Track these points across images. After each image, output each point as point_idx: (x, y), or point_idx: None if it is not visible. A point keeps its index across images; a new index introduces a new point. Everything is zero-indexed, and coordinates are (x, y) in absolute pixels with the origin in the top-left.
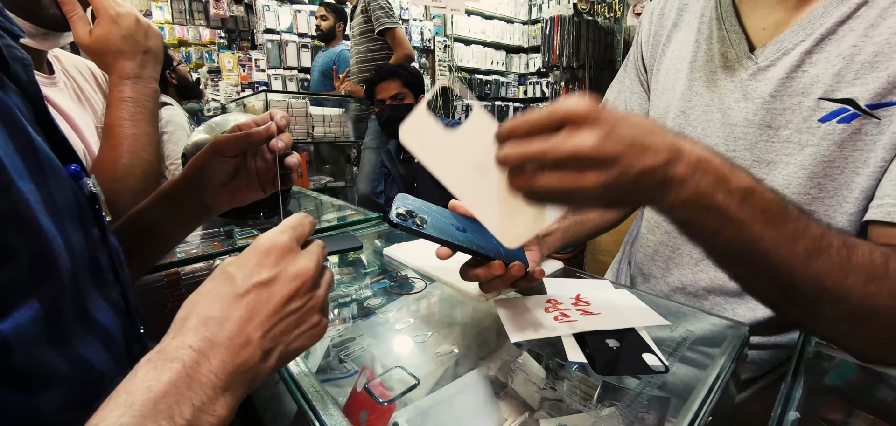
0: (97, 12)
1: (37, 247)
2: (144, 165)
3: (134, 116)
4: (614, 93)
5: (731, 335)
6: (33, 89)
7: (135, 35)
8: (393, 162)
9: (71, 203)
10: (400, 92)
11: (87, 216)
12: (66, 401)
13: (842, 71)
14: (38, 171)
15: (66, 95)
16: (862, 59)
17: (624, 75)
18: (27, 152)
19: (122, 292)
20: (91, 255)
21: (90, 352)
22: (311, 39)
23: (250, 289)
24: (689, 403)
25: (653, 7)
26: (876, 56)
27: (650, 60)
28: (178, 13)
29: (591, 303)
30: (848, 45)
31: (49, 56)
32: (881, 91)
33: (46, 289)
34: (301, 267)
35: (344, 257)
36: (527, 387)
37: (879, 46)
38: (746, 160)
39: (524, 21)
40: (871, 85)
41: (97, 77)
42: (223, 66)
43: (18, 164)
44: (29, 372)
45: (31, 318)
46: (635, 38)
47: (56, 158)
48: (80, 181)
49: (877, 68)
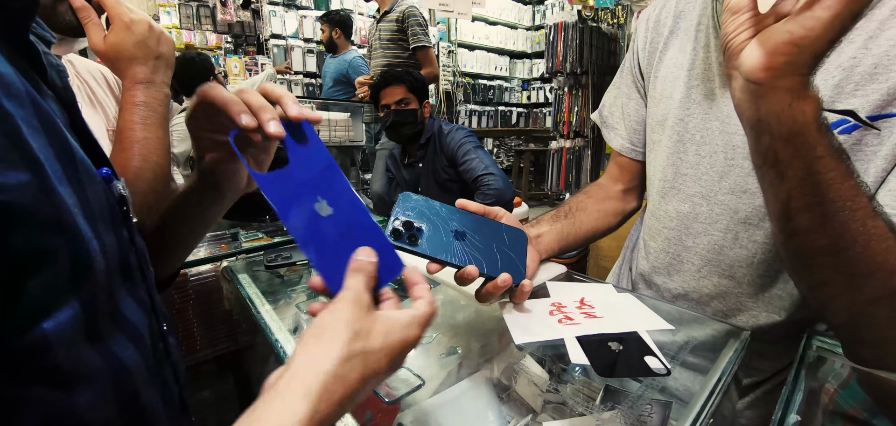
0: (111, 19)
1: (75, 250)
2: (155, 169)
3: (145, 120)
4: (611, 98)
5: (733, 340)
6: (68, 95)
7: (147, 41)
8: (397, 166)
9: (104, 206)
10: (405, 97)
11: (117, 218)
12: (100, 398)
13: (841, 82)
14: (75, 176)
15: (80, 100)
16: (861, 71)
17: (620, 81)
18: (65, 158)
19: (148, 290)
20: (121, 256)
21: (122, 349)
22: (317, 44)
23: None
24: (691, 406)
25: (648, 14)
26: (875, 68)
27: (647, 67)
28: (186, 18)
29: (594, 307)
30: (847, 56)
31: (63, 60)
32: (881, 103)
33: (84, 289)
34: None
35: None
36: (530, 389)
37: (878, 58)
38: (745, 168)
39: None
40: (870, 96)
41: (109, 82)
42: (230, 71)
43: (58, 170)
44: (67, 369)
45: (71, 318)
46: (631, 44)
47: (90, 163)
48: (111, 184)
49: (876, 80)
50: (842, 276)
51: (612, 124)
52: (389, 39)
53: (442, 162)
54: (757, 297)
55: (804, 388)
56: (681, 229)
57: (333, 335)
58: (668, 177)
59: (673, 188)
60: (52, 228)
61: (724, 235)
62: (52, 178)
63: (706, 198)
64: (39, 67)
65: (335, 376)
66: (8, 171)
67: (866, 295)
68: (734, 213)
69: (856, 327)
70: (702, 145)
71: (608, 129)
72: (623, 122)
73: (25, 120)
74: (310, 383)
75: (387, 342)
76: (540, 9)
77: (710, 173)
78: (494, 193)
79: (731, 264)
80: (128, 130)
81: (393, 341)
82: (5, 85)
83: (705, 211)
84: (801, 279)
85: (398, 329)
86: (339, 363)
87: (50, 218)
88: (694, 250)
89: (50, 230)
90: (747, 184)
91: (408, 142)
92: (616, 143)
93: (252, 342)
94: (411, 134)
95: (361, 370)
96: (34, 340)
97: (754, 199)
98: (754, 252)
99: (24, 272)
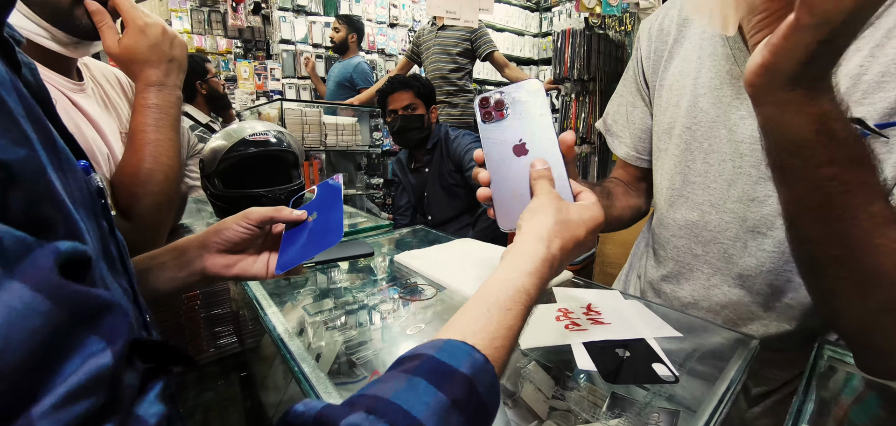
0: (126, 22)
1: (69, 226)
2: (166, 170)
3: (157, 122)
4: (615, 106)
5: (742, 348)
6: (43, 92)
7: (161, 44)
8: (404, 171)
9: (85, 195)
10: (412, 102)
11: (97, 208)
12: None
13: (849, 90)
14: (59, 164)
15: (93, 101)
16: (869, 79)
17: (624, 90)
18: (49, 146)
19: (130, 282)
20: (103, 244)
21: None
22: (326, 50)
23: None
24: (699, 415)
25: (650, 23)
26: (882, 76)
27: (652, 76)
28: (198, 23)
29: (601, 313)
30: (855, 65)
31: (79, 63)
32: (889, 110)
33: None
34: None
35: (354, 263)
36: (535, 395)
37: (886, 66)
38: (752, 176)
39: (535, 34)
40: (878, 104)
41: (123, 84)
42: (239, 75)
43: (45, 155)
44: None
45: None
46: (634, 53)
47: (71, 153)
48: (89, 175)
49: (884, 88)
50: (851, 285)
51: (617, 132)
52: (452, 46)
53: (448, 167)
54: (767, 307)
55: (815, 399)
56: (690, 237)
57: (545, 210)
58: (676, 185)
59: (681, 196)
60: (51, 203)
61: (733, 244)
62: (44, 161)
63: (715, 206)
64: (15, 64)
65: (555, 229)
66: (12, 146)
67: (877, 304)
68: (743, 221)
69: (866, 337)
70: (710, 153)
71: (612, 137)
72: (628, 130)
73: (14, 107)
74: (539, 231)
75: (581, 216)
76: (547, 16)
77: (719, 181)
78: None
79: (741, 273)
80: (140, 132)
81: (585, 216)
82: None
83: (714, 219)
84: (811, 286)
85: (585, 209)
86: (555, 223)
87: (47, 194)
88: (703, 259)
89: (49, 204)
90: (756, 192)
91: (414, 147)
92: (621, 152)
93: (256, 343)
94: (418, 139)
95: (571, 231)
96: None
97: (762, 208)
98: (763, 261)
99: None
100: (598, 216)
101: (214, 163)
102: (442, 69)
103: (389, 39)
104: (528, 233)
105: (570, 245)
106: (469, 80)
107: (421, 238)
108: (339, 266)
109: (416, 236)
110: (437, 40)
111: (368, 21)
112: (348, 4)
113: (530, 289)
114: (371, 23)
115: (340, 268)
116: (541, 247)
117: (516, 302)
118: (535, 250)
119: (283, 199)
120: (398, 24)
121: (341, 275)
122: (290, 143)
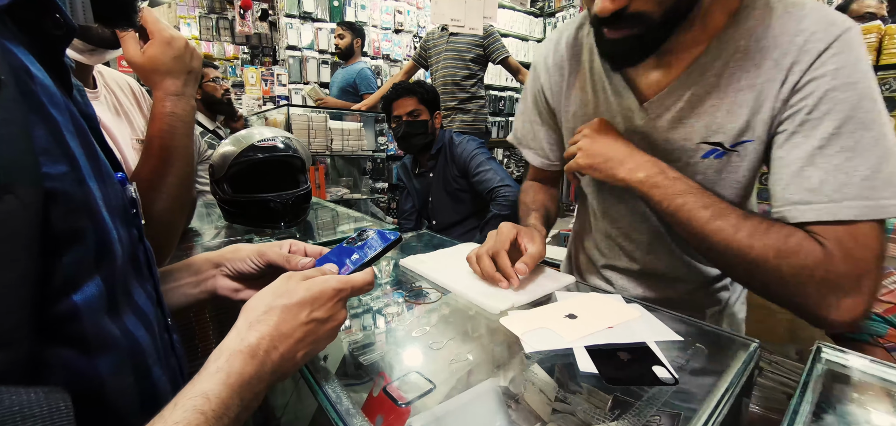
0: (152, 34)
1: (100, 234)
2: (180, 175)
3: (173, 130)
4: (521, 123)
5: (742, 351)
6: (89, 110)
7: (183, 56)
8: (408, 176)
9: (119, 204)
10: (416, 108)
11: (129, 217)
12: (117, 364)
13: (709, 124)
14: (100, 174)
15: (106, 108)
16: (720, 116)
17: (529, 110)
18: (92, 158)
19: (155, 286)
20: (132, 250)
21: (135, 328)
22: (331, 56)
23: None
24: (699, 416)
25: (542, 59)
26: (729, 111)
27: (556, 104)
28: (206, 30)
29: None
30: (709, 104)
31: (94, 71)
32: (737, 134)
33: (106, 269)
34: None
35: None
36: (538, 398)
37: (730, 106)
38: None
39: (539, 39)
40: (729, 132)
41: (136, 93)
42: (246, 81)
43: (87, 166)
44: (91, 337)
45: (95, 292)
46: (532, 82)
47: (109, 166)
48: (125, 186)
49: (731, 120)
50: (725, 268)
51: (528, 144)
52: (466, 52)
53: (453, 172)
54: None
55: (811, 401)
56: (627, 221)
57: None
58: (601, 188)
59: (611, 192)
60: (84, 212)
61: (661, 223)
62: (84, 172)
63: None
64: (68, 86)
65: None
66: (53, 164)
67: (743, 274)
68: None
69: (751, 286)
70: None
71: (524, 148)
72: (537, 142)
73: (64, 124)
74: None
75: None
76: (551, 21)
77: (629, 200)
78: (510, 205)
79: (672, 243)
80: (157, 139)
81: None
82: (49, 94)
83: (643, 205)
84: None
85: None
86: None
87: (82, 204)
88: (641, 234)
89: (82, 214)
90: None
91: (418, 152)
92: (536, 161)
93: None
94: (422, 144)
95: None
96: (66, 309)
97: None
98: (671, 260)
99: (61, 249)
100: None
101: (224, 168)
102: (455, 75)
103: (394, 45)
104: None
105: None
106: (481, 86)
107: (426, 242)
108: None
109: (421, 240)
110: (448, 45)
111: (374, 27)
112: (354, 11)
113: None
114: (376, 29)
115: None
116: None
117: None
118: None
119: (291, 204)
120: (403, 29)
121: None
122: (298, 148)
